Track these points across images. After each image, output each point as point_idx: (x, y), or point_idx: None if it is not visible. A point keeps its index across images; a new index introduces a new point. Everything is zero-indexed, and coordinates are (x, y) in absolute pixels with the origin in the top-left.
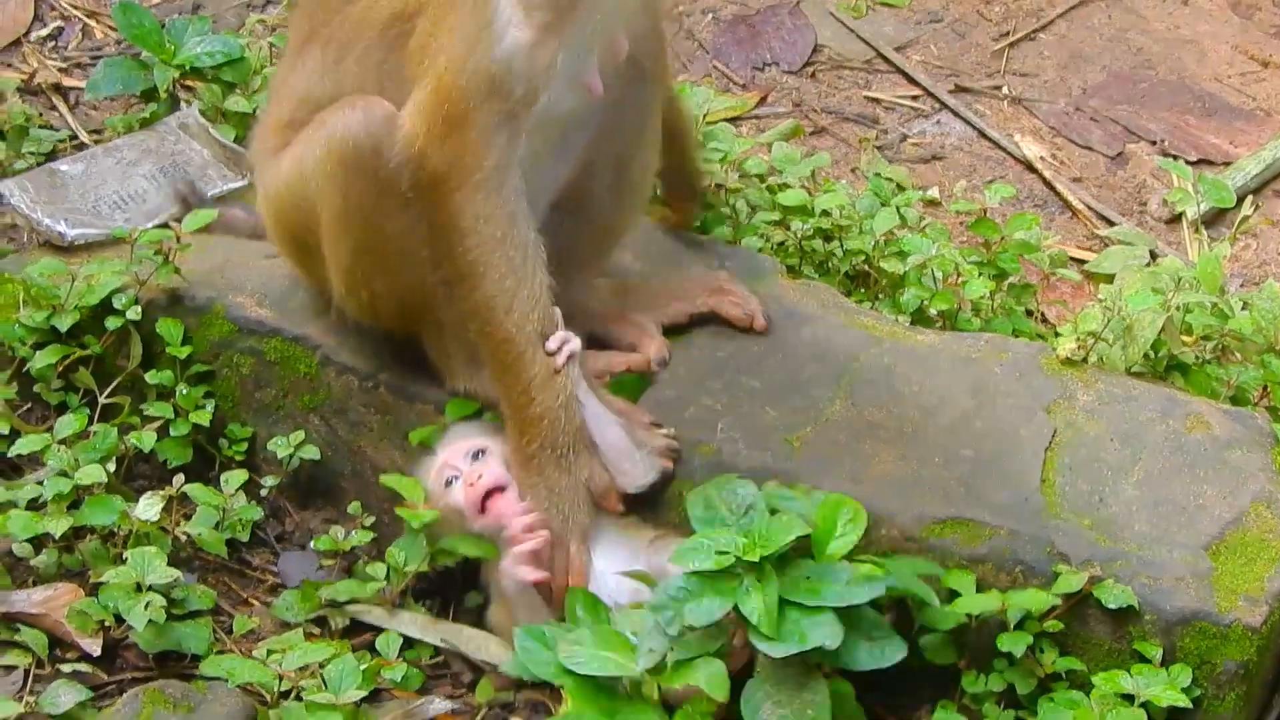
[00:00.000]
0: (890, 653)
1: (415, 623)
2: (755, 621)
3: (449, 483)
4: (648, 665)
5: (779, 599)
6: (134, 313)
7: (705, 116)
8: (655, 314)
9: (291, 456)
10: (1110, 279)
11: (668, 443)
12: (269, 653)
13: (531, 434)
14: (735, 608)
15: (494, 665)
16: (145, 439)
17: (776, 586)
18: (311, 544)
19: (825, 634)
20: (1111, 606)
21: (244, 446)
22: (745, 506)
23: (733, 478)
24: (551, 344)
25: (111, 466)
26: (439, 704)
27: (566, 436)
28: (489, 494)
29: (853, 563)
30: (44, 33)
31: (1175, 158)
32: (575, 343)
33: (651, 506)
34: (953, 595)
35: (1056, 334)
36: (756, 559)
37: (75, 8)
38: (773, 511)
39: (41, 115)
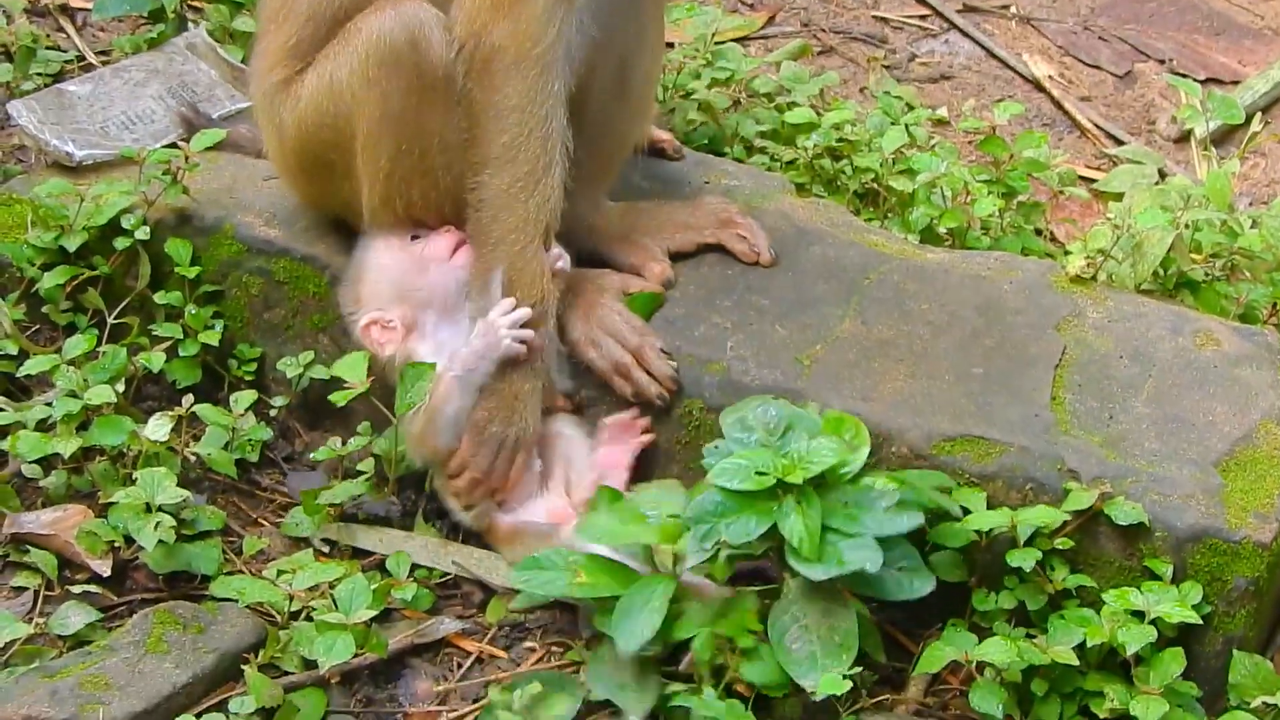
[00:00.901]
0: (919, 584)
1: (425, 546)
2: (795, 544)
3: (414, 238)
4: (690, 566)
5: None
6: (142, 233)
7: (713, 36)
8: (662, 239)
9: (301, 376)
10: (1119, 197)
11: (670, 373)
12: (279, 573)
13: None
14: (774, 527)
15: (505, 587)
16: (154, 359)
17: (819, 510)
18: (311, 456)
19: (865, 557)
20: (1122, 523)
21: (253, 367)
22: (782, 427)
23: (766, 398)
24: (552, 251)
25: (120, 387)
26: (449, 624)
27: (539, 342)
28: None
29: (872, 477)
30: None
31: (1184, 76)
32: (566, 259)
33: (664, 423)
34: (963, 513)
35: (1066, 252)
36: (799, 481)
37: None
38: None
39: (49, 36)
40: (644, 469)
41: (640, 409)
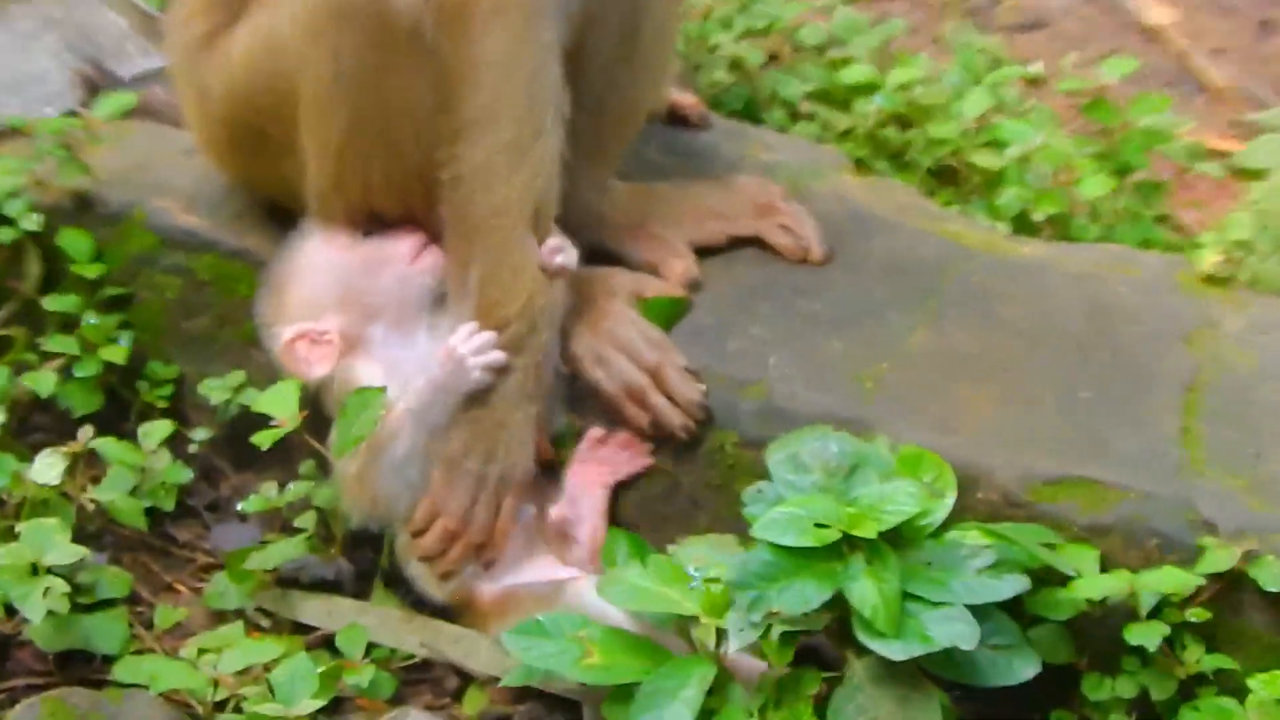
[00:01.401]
0: (1019, 666)
1: (384, 620)
2: (866, 614)
3: (367, 234)
4: (738, 647)
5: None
6: (31, 221)
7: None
8: (684, 230)
9: (228, 404)
10: (1262, 175)
11: (696, 397)
12: (201, 652)
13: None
14: (838, 594)
15: (487, 673)
16: (43, 381)
17: (896, 572)
18: (240, 506)
19: (956, 632)
20: (1271, 590)
21: (168, 390)
22: (846, 466)
23: (824, 428)
24: (550, 242)
25: (1, 416)
26: (416, 716)
27: (531, 358)
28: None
29: (961, 530)
30: None
31: None
32: (572, 254)
33: (691, 460)
34: (1071, 576)
35: (1196, 245)
36: (870, 535)
37: None
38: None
39: None
40: (664, 520)
41: (656, 441)
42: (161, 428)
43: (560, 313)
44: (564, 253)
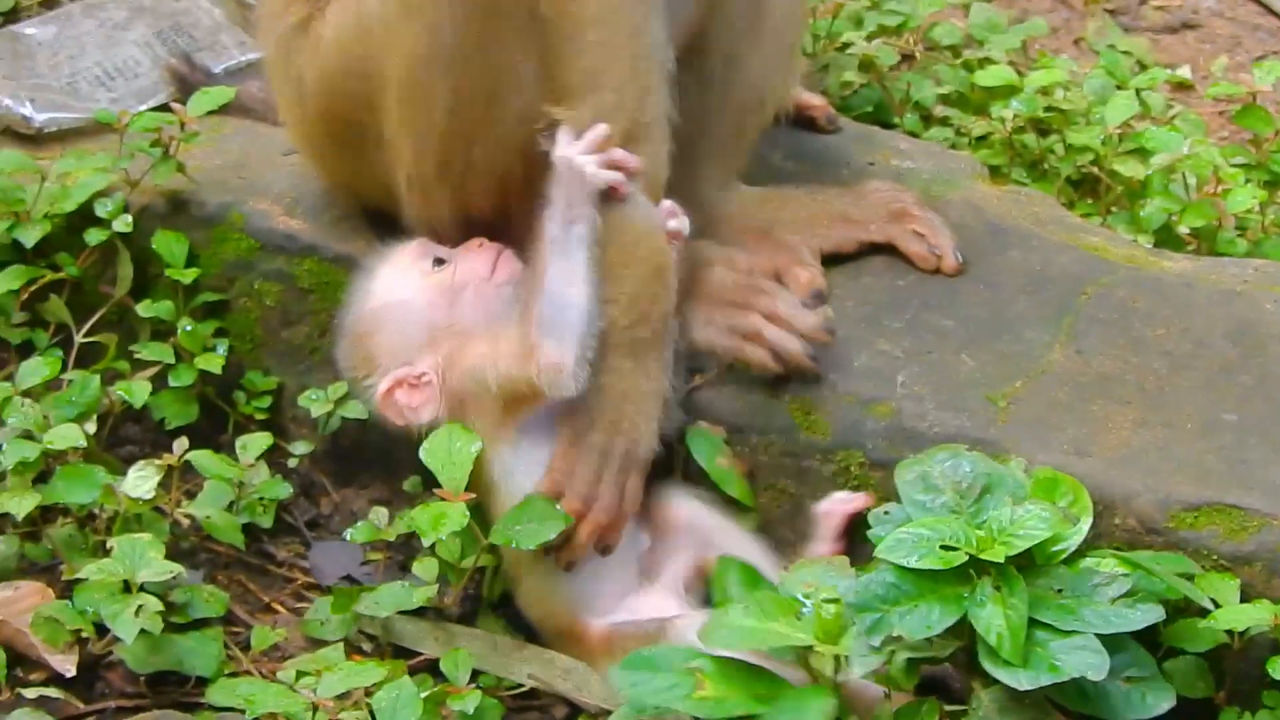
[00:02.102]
0: (1153, 699)
1: (493, 647)
2: (992, 641)
3: (437, 263)
4: (860, 673)
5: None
6: (123, 223)
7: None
8: (812, 236)
9: (330, 416)
10: None
11: (818, 322)
12: (299, 675)
13: (612, 309)
14: (964, 619)
15: (599, 706)
16: (136, 391)
17: (1025, 598)
18: (345, 535)
19: (1085, 662)
20: None
21: (267, 402)
22: (978, 488)
23: (957, 448)
24: (664, 205)
25: (92, 427)
26: None
27: (655, 325)
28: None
29: (1095, 558)
30: None
31: None
32: (683, 220)
33: (815, 481)
34: (1211, 606)
35: None
36: (999, 559)
37: None
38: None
39: None
40: (786, 545)
41: (789, 380)
42: (259, 441)
43: (677, 279)
44: (678, 218)
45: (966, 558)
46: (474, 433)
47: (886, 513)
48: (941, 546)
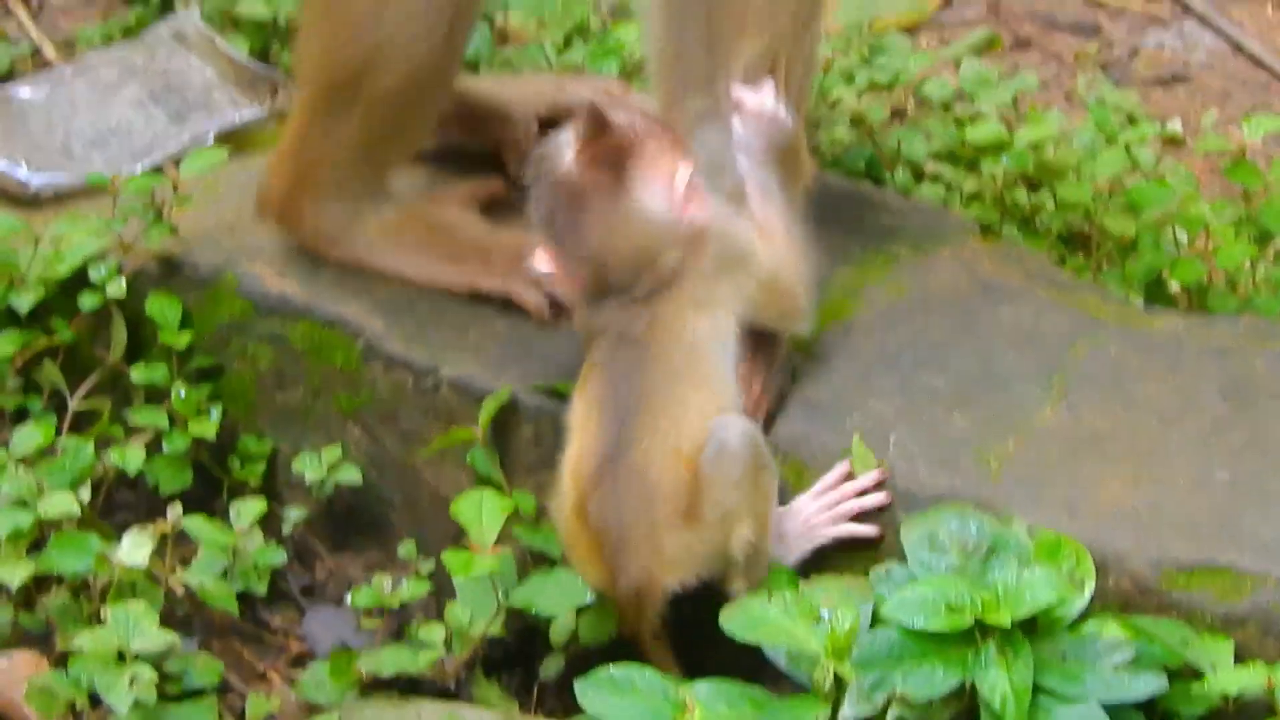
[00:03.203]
0: None
1: None
2: (996, 705)
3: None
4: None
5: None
6: (116, 287)
7: (871, 24)
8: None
9: (324, 481)
10: None
11: None
12: None
13: None
14: (968, 682)
15: None
16: (130, 456)
17: (1030, 662)
18: (348, 598)
19: None
20: None
21: (261, 467)
22: (984, 549)
23: (964, 508)
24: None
25: (86, 494)
26: None
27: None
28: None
29: (1098, 622)
30: None
31: None
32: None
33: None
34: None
35: None
36: (1005, 623)
37: None
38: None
39: None
40: None
41: None
42: (254, 506)
43: None
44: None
45: (972, 620)
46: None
47: (888, 572)
48: (947, 607)
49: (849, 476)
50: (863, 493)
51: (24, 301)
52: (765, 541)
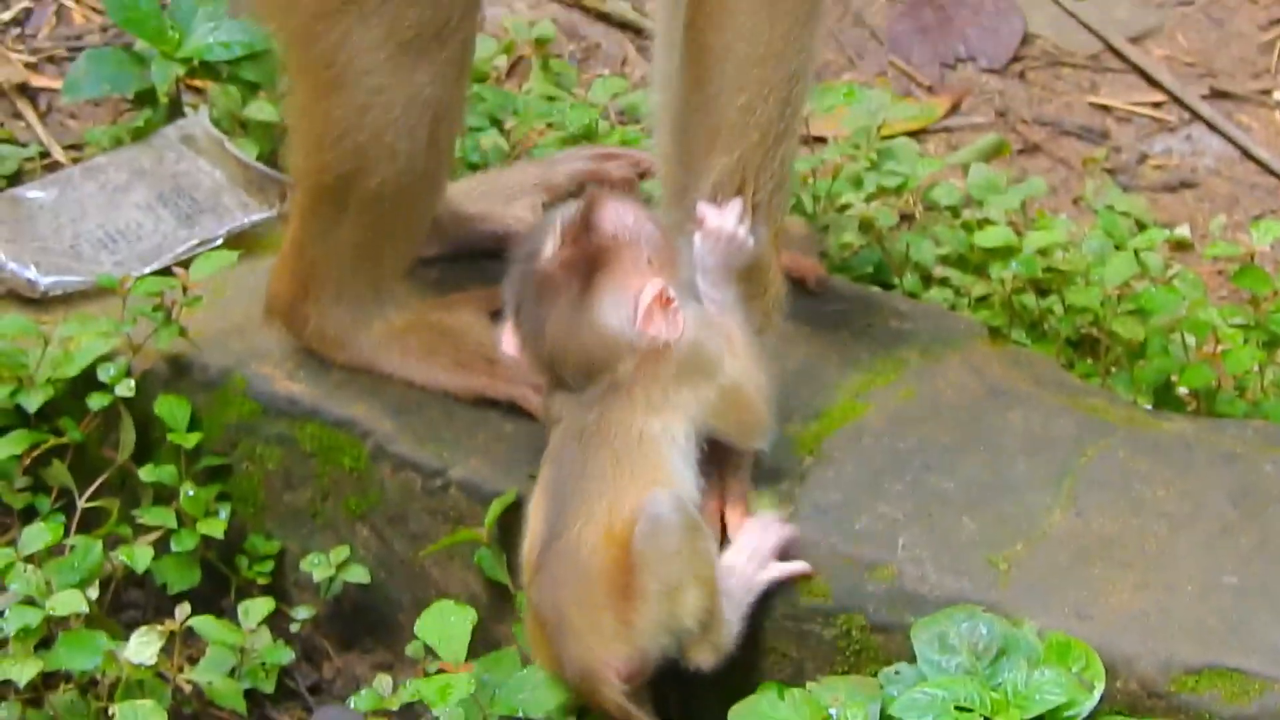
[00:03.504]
0: None
1: None
2: None
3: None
4: None
5: None
6: (125, 388)
7: (879, 129)
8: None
9: (332, 580)
10: None
11: None
12: None
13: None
14: None
15: None
16: (139, 556)
17: None
18: (353, 704)
19: None
20: None
21: (269, 566)
22: (994, 650)
23: (975, 610)
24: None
25: (94, 592)
26: None
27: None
28: None
29: None
30: (6, 16)
31: None
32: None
33: (815, 645)
34: None
35: None
36: None
37: None
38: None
39: (3, 125)
40: None
41: None
42: (262, 605)
43: None
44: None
45: None
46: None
47: (898, 672)
48: (956, 708)
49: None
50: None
51: (33, 401)
52: (718, 603)
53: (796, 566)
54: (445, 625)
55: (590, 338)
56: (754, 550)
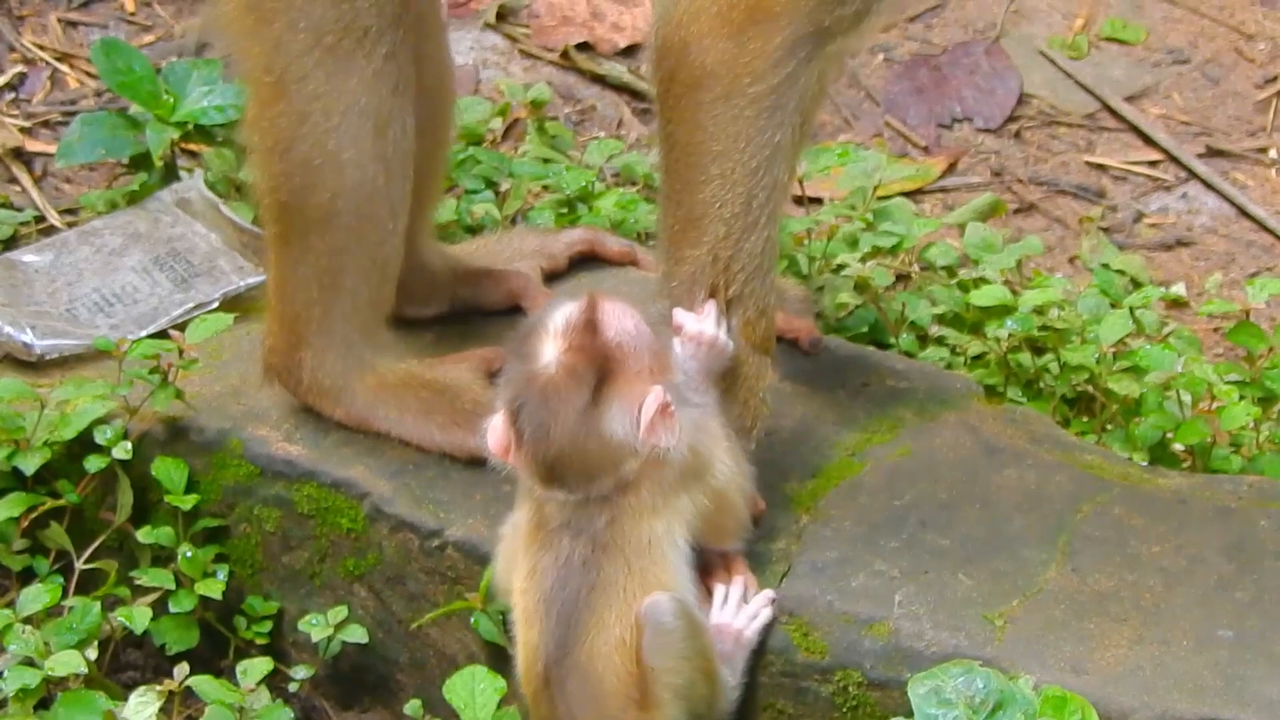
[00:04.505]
0: None
1: None
2: None
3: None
4: None
5: None
6: (122, 450)
7: (875, 189)
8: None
9: (330, 640)
10: None
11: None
12: None
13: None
14: None
15: None
16: (137, 617)
17: None
18: None
19: None
20: None
21: (267, 627)
22: (991, 704)
23: (970, 664)
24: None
25: (93, 653)
26: None
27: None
28: None
29: None
30: (1, 81)
31: None
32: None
33: (812, 702)
34: None
35: None
36: None
37: (42, 48)
38: None
39: None
40: None
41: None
42: (260, 665)
43: None
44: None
45: None
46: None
47: None
48: None
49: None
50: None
51: (30, 464)
52: (720, 687)
53: (769, 613)
54: (474, 691)
55: (596, 446)
56: (738, 605)
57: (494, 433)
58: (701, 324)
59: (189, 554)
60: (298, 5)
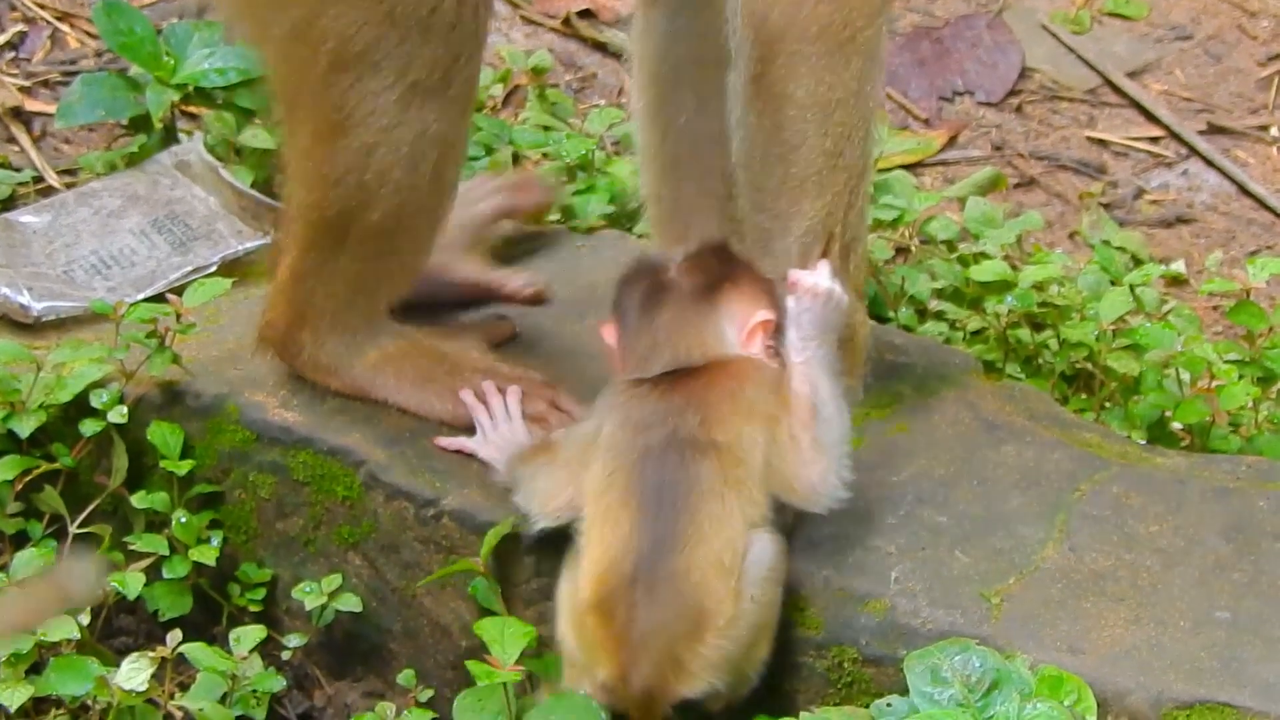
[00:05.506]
0: None
1: None
2: None
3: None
4: None
5: None
6: (118, 414)
7: (876, 162)
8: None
9: (324, 608)
10: None
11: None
12: None
13: None
14: None
15: None
16: (130, 582)
17: None
18: None
19: None
20: None
21: (261, 594)
22: (986, 683)
23: (966, 643)
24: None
25: (85, 618)
26: None
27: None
28: None
29: None
30: (1, 40)
31: None
32: None
33: (808, 678)
34: None
35: None
36: None
37: (42, 7)
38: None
39: None
40: None
41: None
42: (253, 633)
43: None
44: None
45: None
46: None
47: (890, 704)
48: None
49: None
50: None
51: (25, 427)
52: (764, 656)
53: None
54: (504, 631)
55: (696, 335)
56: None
57: (608, 330)
58: (818, 277)
59: (183, 519)
60: (383, 48)
